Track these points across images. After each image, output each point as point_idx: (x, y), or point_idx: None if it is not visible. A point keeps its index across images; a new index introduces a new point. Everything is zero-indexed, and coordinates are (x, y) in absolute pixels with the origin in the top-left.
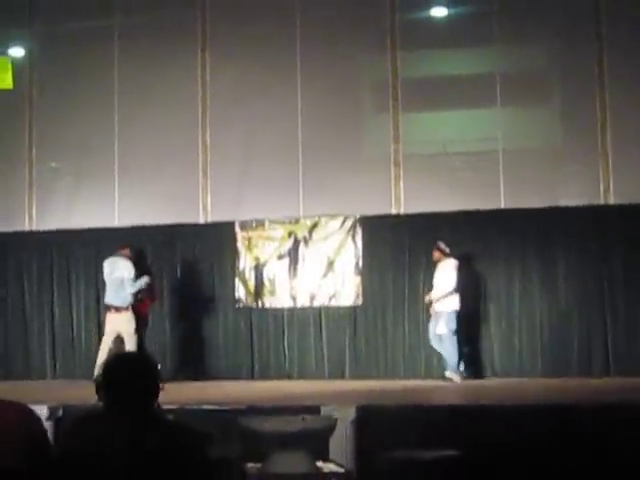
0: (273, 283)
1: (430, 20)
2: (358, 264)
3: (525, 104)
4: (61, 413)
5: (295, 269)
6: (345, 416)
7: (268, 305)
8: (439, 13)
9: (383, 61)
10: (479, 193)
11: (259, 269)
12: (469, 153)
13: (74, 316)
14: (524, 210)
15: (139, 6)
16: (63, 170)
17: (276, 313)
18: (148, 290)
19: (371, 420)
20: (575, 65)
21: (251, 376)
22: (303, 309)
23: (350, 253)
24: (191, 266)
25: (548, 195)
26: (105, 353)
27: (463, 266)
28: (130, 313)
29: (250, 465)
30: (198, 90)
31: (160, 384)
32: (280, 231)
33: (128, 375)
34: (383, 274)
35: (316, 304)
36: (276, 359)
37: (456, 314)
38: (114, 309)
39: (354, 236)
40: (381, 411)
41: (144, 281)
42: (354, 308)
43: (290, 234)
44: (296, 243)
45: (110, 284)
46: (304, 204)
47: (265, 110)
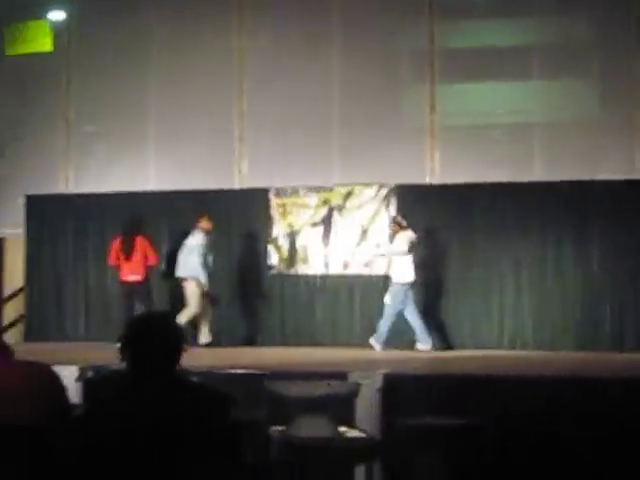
0: (306, 251)
1: None
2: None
3: (562, 76)
4: (91, 374)
5: (329, 237)
6: (372, 383)
7: (301, 272)
8: None
9: (421, 31)
10: (514, 165)
11: (293, 236)
12: (505, 125)
13: (108, 279)
14: (559, 183)
15: None
16: (100, 134)
17: (308, 280)
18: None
19: (398, 388)
20: (614, 37)
21: (283, 342)
22: (336, 277)
23: (384, 222)
24: (225, 232)
25: (583, 168)
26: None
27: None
28: (197, 281)
29: (274, 428)
30: (235, 55)
31: (184, 345)
32: (314, 199)
33: (150, 336)
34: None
35: (349, 272)
36: (307, 326)
37: (407, 286)
38: (181, 279)
39: (388, 205)
40: (408, 379)
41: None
42: (387, 277)
43: (324, 202)
44: (330, 211)
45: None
46: (339, 172)
47: (302, 78)
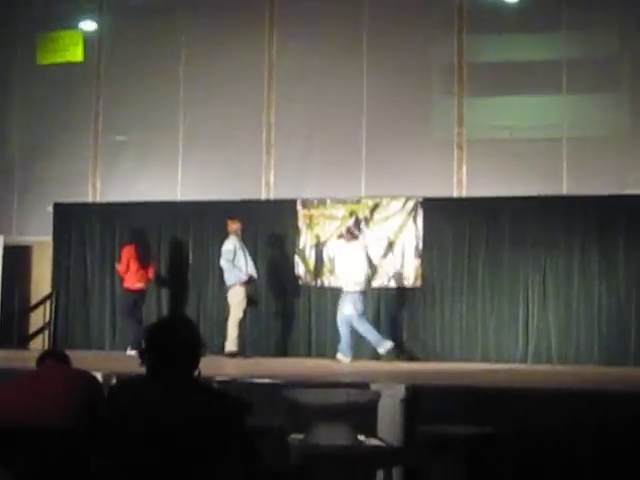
0: (333, 262)
1: (498, 4)
2: (418, 246)
3: (591, 91)
4: (115, 381)
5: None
6: (395, 394)
7: (327, 284)
8: None
9: (450, 44)
10: (542, 179)
11: (319, 247)
12: (533, 139)
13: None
14: (587, 197)
15: None
16: (128, 143)
17: (335, 292)
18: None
19: (420, 399)
20: None
21: (308, 353)
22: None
23: (411, 235)
24: (252, 242)
25: (612, 182)
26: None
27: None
28: (232, 289)
29: (293, 436)
30: (264, 67)
31: (202, 351)
32: (341, 210)
33: (169, 341)
34: (443, 257)
35: (375, 284)
36: (333, 338)
37: (362, 295)
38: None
39: (415, 218)
40: (431, 391)
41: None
42: (413, 290)
43: (351, 214)
44: (357, 223)
45: None
46: (366, 184)
47: (330, 89)
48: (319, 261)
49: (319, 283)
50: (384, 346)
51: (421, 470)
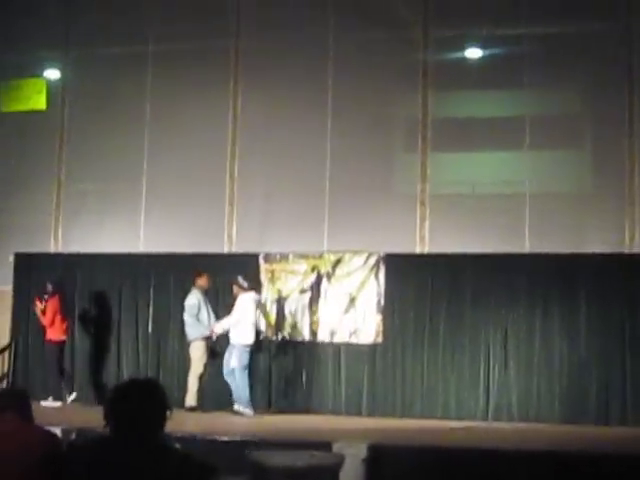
0: (294, 317)
1: (462, 61)
2: (380, 302)
3: (554, 148)
4: (74, 436)
5: (317, 304)
6: (356, 454)
7: (288, 338)
8: (472, 54)
9: (414, 100)
10: (504, 236)
11: (281, 302)
12: (496, 195)
13: (97, 338)
14: (548, 255)
15: (173, 34)
16: (91, 194)
17: (296, 347)
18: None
19: (382, 459)
20: (606, 110)
21: (267, 408)
22: (323, 344)
23: (372, 290)
24: (213, 296)
25: (573, 241)
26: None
27: (482, 309)
28: (194, 343)
29: None
30: (228, 121)
31: (168, 411)
32: (303, 265)
33: (135, 401)
34: (404, 313)
35: (336, 340)
36: (293, 393)
37: (249, 348)
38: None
39: (377, 273)
40: (392, 450)
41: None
42: (374, 346)
43: (313, 269)
44: (319, 278)
45: None
46: (329, 239)
47: (294, 144)
48: (280, 315)
49: (280, 337)
50: (244, 408)
51: None
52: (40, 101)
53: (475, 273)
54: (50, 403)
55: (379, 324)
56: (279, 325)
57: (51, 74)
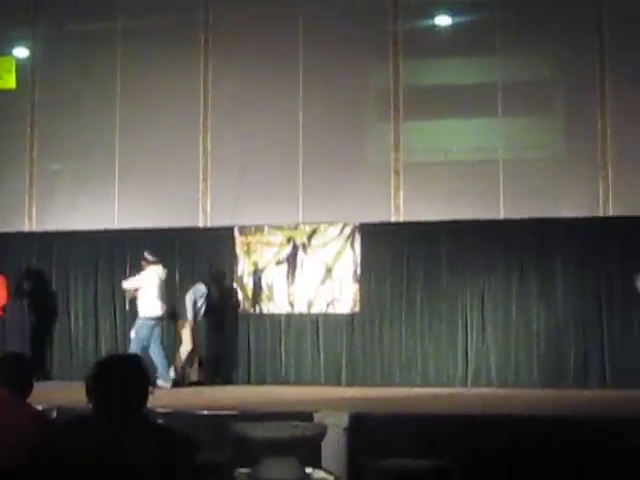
0: (271, 289)
1: (433, 29)
2: (356, 271)
3: (526, 114)
4: (55, 415)
5: (293, 275)
6: (338, 423)
7: (266, 310)
8: (442, 22)
9: (385, 69)
10: (478, 203)
11: (257, 274)
12: (469, 162)
13: (72, 317)
14: (523, 221)
15: (142, 9)
16: (63, 171)
17: (273, 319)
18: None
19: (364, 428)
20: (577, 76)
21: (247, 381)
22: (300, 315)
23: (348, 260)
24: (189, 270)
25: (547, 206)
26: None
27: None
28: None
29: (240, 471)
30: (200, 94)
31: (150, 387)
32: (279, 237)
33: (117, 377)
34: (381, 282)
35: (314, 311)
36: (272, 364)
37: (151, 322)
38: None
39: (353, 243)
40: (374, 419)
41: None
42: (351, 315)
43: (289, 240)
44: (295, 249)
45: None
46: (303, 210)
47: (266, 116)
48: (257, 288)
49: (257, 310)
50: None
51: None
52: (10, 80)
53: (450, 240)
54: None
55: (356, 293)
56: (256, 297)
57: (20, 52)
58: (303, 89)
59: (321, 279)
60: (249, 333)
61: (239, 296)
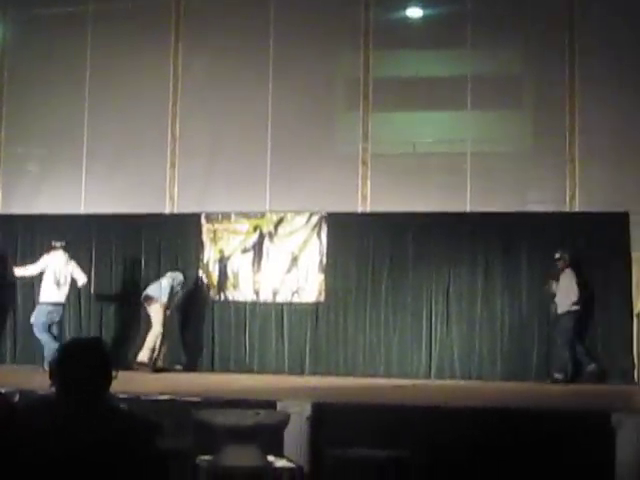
0: (237, 277)
1: (404, 20)
2: (322, 261)
3: (495, 108)
4: (17, 398)
5: (259, 263)
6: (301, 412)
7: (231, 298)
8: (414, 14)
9: (356, 59)
10: (446, 195)
11: (223, 262)
12: (437, 154)
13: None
14: (489, 214)
15: None
16: (31, 155)
17: (238, 307)
18: None
19: (326, 417)
20: (547, 71)
21: (211, 368)
22: (265, 304)
23: (315, 250)
24: (155, 256)
25: (514, 200)
26: None
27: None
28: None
29: (202, 457)
30: (169, 81)
31: (113, 372)
32: (245, 225)
33: (80, 362)
34: (347, 272)
35: (279, 299)
36: (236, 352)
37: (49, 307)
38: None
39: (319, 233)
40: (336, 409)
41: None
42: (316, 305)
43: (255, 228)
44: (261, 237)
45: None
46: (270, 199)
47: (235, 103)
48: (223, 276)
49: (222, 298)
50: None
51: None
52: None
53: (417, 232)
54: None
55: (321, 283)
56: (221, 285)
57: None
58: (273, 77)
59: (287, 268)
60: (214, 320)
61: (204, 283)
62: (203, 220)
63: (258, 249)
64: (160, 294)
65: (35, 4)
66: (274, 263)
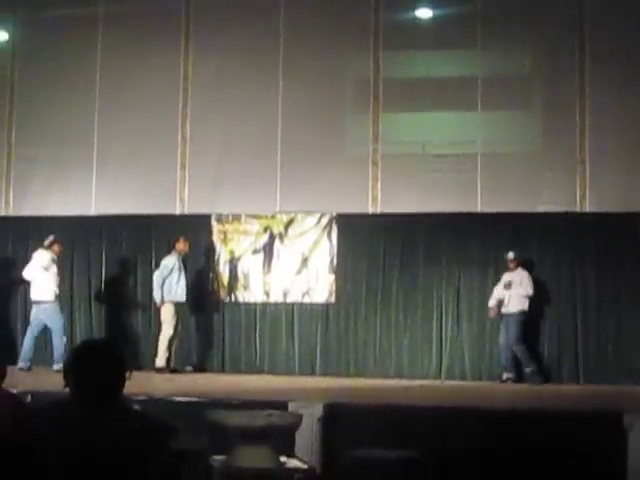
0: (247, 278)
1: (414, 21)
2: (332, 262)
3: (505, 108)
4: (29, 399)
5: (269, 264)
6: (312, 413)
7: (241, 299)
8: (424, 14)
9: (366, 60)
10: (456, 196)
11: (234, 263)
12: (448, 155)
13: None
14: (500, 215)
15: None
16: (41, 156)
17: (249, 308)
18: None
19: (338, 418)
20: (557, 71)
21: (221, 369)
22: (276, 305)
23: (325, 250)
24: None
25: (524, 200)
26: None
27: (435, 269)
28: (164, 306)
29: (215, 458)
30: (179, 82)
31: (127, 373)
32: (256, 226)
33: (95, 363)
34: (357, 273)
35: (289, 300)
36: (247, 353)
37: (33, 304)
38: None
39: (330, 234)
40: (348, 409)
41: None
42: (326, 306)
43: (266, 229)
44: (271, 238)
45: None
46: (281, 200)
47: (245, 105)
48: (233, 276)
49: (233, 298)
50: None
51: None
52: None
53: (427, 233)
54: None
55: (332, 284)
56: (232, 286)
57: None
58: (283, 78)
59: (297, 269)
60: (224, 321)
61: (215, 284)
62: (213, 221)
63: (268, 250)
64: (158, 295)
65: (45, 6)
66: (284, 264)
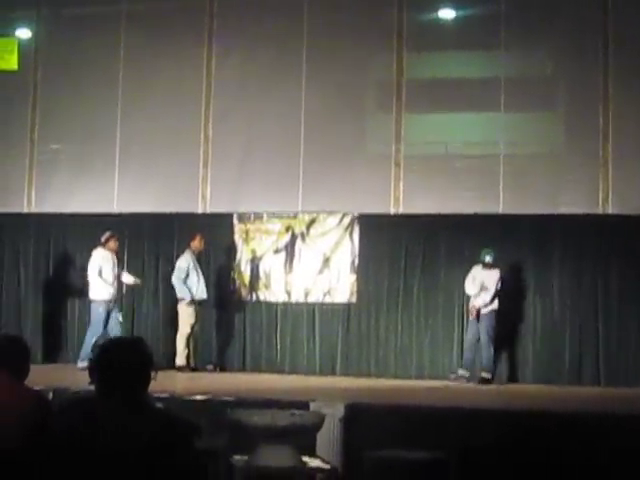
0: (268, 277)
1: (437, 22)
2: (354, 262)
3: (528, 110)
4: (51, 396)
5: (291, 264)
6: (334, 413)
7: (262, 299)
8: (447, 15)
9: (388, 61)
10: (478, 197)
11: (255, 262)
12: (470, 156)
13: (68, 301)
14: (522, 216)
15: None
16: (64, 154)
17: (270, 307)
18: None
19: (359, 418)
20: (580, 73)
21: (242, 368)
22: (297, 304)
23: (347, 250)
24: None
25: (547, 202)
26: None
27: (456, 269)
28: (181, 305)
29: (237, 457)
30: (202, 81)
31: (153, 372)
32: (278, 225)
33: (121, 360)
34: (378, 273)
35: (310, 300)
36: (268, 353)
37: (98, 305)
38: None
39: (351, 234)
40: (369, 409)
41: None
42: (348, 305)
43: (288, 229)
44: (293, 238)
45: None
46: (303, 199)
47: (268, 104)
48: (254, 276)
49: (254, 298)
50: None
51: None
52: (12, 61)
53: (449, 233)
54: None
55: (353, 284)
56: (253, 285)
57: (23, 33)
58: (306, 78)
59: (319, 268)
60: (245, 320)
61: (236, 283)
62: (235, 220)
63: (290, 249)
64: (180, 293)
65: (68, 3)
66: (306, 264)
